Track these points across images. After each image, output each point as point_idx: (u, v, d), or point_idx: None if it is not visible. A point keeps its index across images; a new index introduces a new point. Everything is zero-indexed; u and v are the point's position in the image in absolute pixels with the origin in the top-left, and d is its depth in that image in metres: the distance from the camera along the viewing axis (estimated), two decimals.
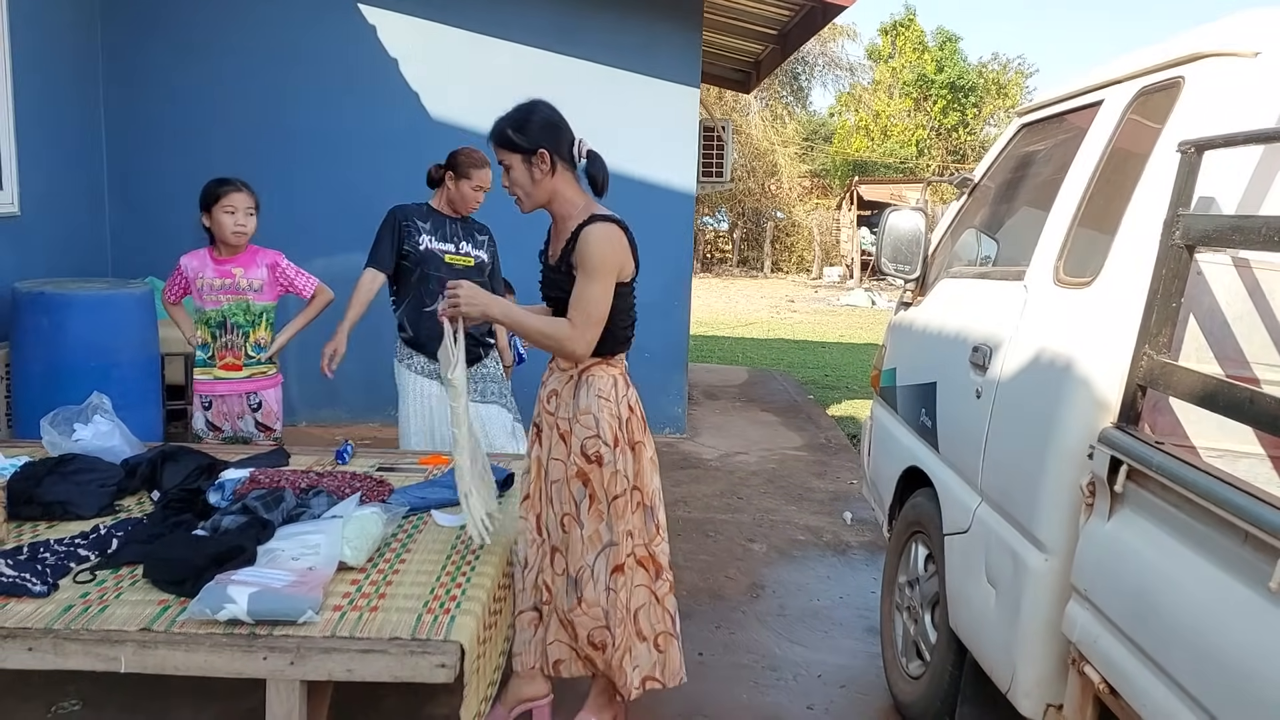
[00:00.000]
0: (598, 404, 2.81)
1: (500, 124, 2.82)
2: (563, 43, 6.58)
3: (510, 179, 2.83)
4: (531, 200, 2.85)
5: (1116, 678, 1.92)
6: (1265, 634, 1.52)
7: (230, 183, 3.74)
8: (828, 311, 19.42)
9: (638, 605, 2.90)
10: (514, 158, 2.79)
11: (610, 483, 2.81)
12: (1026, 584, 2.38)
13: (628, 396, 2.90)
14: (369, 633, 2.35)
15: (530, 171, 2.79)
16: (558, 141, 2.81)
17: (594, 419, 2.80)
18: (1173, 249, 1.96)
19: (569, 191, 2.85)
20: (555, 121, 2.85)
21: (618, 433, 2.82)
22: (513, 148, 2.79)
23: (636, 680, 2.90)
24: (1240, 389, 1.67)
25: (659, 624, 2.95)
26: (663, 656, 2.95)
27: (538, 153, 2.77)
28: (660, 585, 2.95)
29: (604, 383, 2.84)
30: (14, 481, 2.99)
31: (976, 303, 3.14)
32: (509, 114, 2.84)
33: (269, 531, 2.72)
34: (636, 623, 2.90)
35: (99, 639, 2.28)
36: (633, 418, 2.89)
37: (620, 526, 2.82)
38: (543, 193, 2.83)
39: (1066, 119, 3.07)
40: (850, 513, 5.59)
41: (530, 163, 2.78)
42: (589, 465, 2.81)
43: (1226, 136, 1.88)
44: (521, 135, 2.78)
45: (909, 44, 34.39)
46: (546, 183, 2.81)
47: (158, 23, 6.40)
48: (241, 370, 3.85)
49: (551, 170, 2.79)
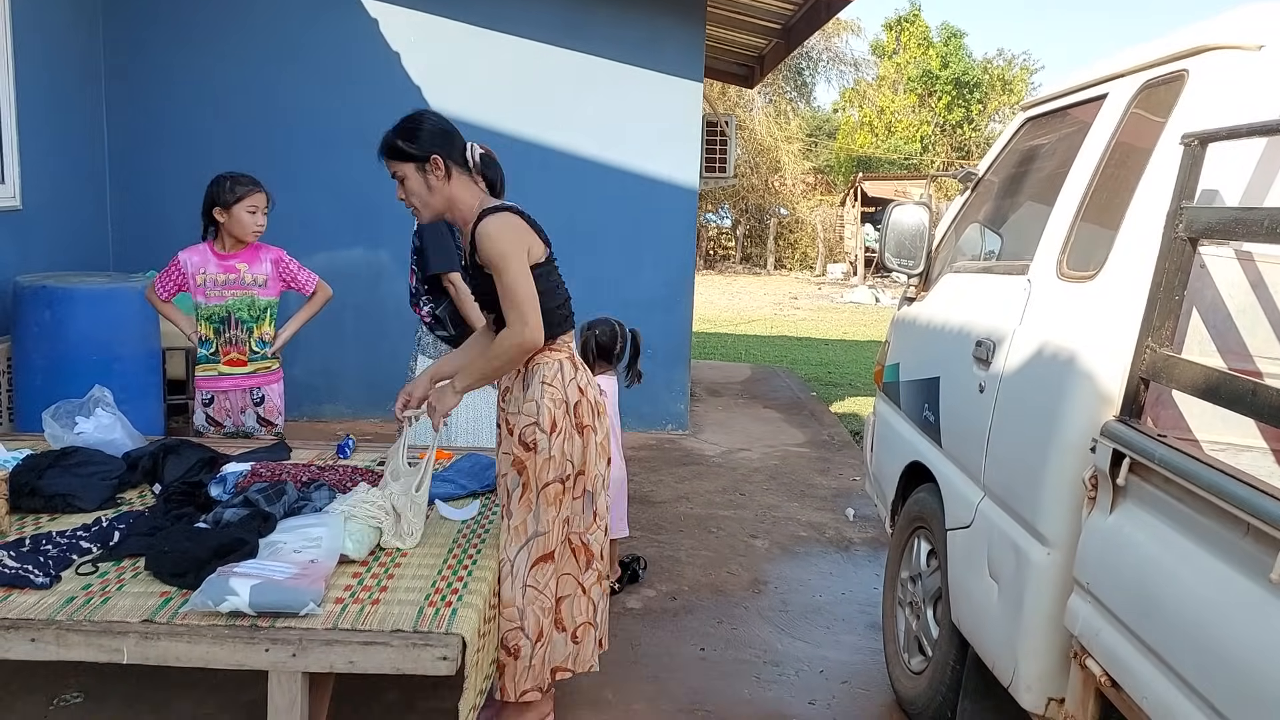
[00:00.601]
0: (541, 390, 2.79)
1: (389, 136, 2.79)
2: (565, 37, 6.57)
3: (405, 190, 2.81)
4: (429, 209, 2.83)
5: (1118, 670, 1.92)
6: (1266, 626, 1.52)
7: (252, 181, 3.73)
8: (831, 308, 19.40)
9: (563, 594, 2.89)
10: (407, 168, 2.77)
11: (543, 470, 2.79)
12: (1029, 578, 2.38)
13: (576, 379, 2.86)
14: (371, 625, 2.35)
15: (425, 180, 2.77)
16: (449, 147, 2.79)
17: (535, 406, 2.79)
18: (1176, 242, 1.95)
19: (465, 195, 2.81)
20: (444, 128, 2.82)
21: (557, 418, 2.79)
22: (405, 157, 2.76)
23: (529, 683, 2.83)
24: (1242, 381, 1.66)
25: (580, 615, 2.93)
26: (578, 647, 2.95)
27: (430, 159, 2.74)
28: (588, 575, 2.94)
29: (549, 369, 2.82)
30: (16, 474, 2.98)
31: (980, 297, 3.14)
32: (396, 126, 2.80)
33: (271, 524, 2.72)
34: (558, 611, 2.88)
35: (101, 630, 2.28)
36: (583, 400, 2.85)
37: (550, 514, 2.81)
38: (439, 200, 2.80)
39: (1071, 113, 3.06)
40: (853, 509, 5.58)
41: (424, 170, 2.76)
42: (525, 453, 2.80)
43: (1230, 129, 1.87)
44: (412, 144, 2.75)
45: (914, 39, 34.34)
46: (443, 190, 2.78)
47: (159, 18, 6.40)
48: (246, 365, 3.85)
49: (447, 176, 2.77)
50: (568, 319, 2.91)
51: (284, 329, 3.96)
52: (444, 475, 3.44)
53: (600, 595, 3.02)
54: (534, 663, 2.83)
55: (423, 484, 2.89)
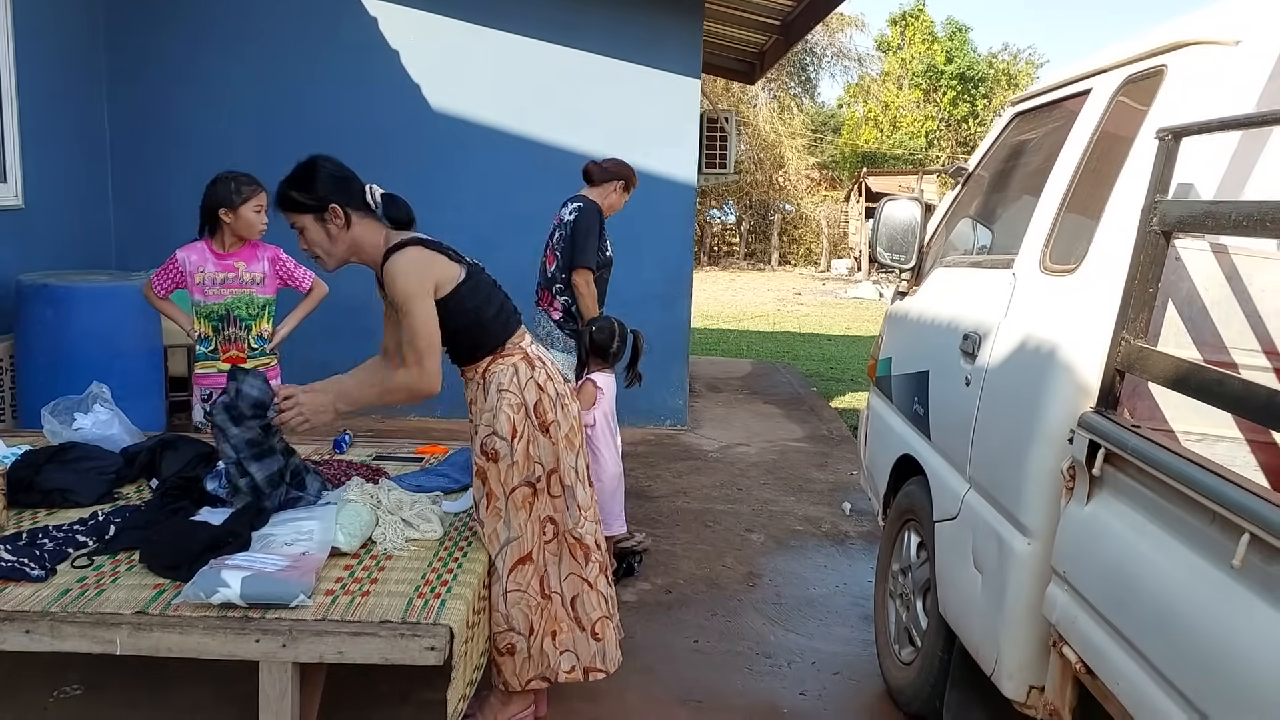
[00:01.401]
0: (498, 398, 2.79)
1: (283, 187, 2.73)
2: (562, 34, 6.60)
3: (307, 240, 2.74)
4: (333, 258, 2.77)
5: (1092, 656, 1.94)
6: (1230, 611, 1.54)
7: (252, 180, 3.78)
8: (834, 304, 19.39)
9: (573, 594, 2.90)
10: (305, 219, 2.71)
11: (507, 476, 2.78)
12: (1010, 568, 2.40)
13: (534, 378, 2.84)
14: (360, 616, 2.39)
15: (325, 229, 2.72)
16: (347, 193, 2.73)
17: (493, 415, 2.78)
18: (1150, 235, 1.97)
19: (369, 237, 2.76)
20: (340, 174, 2.76)
21: (517, 423, 2.78)
22: (301, 209, 2.70)
23: (569, 665, 2.89)
24: (1210, 371, 1.69)
25: (594, 610, 2.93)
26: (600, 644, 2.94)
27: (329, 209, 2.70)
28: (590, 569, 2.93)
29: (504, 376, 2.81)
30: (15, 469, 3.03)
31: (968, 291, 3.16)
32: (289, 177, 2.74)
33: (263, 518, 2.76)
34: (574, 610, 2.90)
35: (95, 622, 2.32)
36: (543, 397, 2.84)
37: (521, 518, 2.80)
38: (342, 248, 2.75)
39: (1057, 107, 3.08)
40: (849, 503, 5.61)
41: (323, 220, 2.71)
42: (487, 463, 2.80)
43: (1201, 123, 1.90)
44: (308, 195, 2.70)
45: (918, 35, 34.27)
46: (343, 237, 2.73)
47: (161, 17, 6.44)
48: (245, 362, 3.88)
49: (346, 224, 2.72)
50: (509, 322, 2.87)
51: (282, 325, 4.00)
52: (438, 470, 3.48)
53: (607, 586, 3.01)
54: (533, 653, 2.85)
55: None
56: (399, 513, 2.92)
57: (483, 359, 2.83)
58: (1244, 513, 1.52)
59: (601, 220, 4.45)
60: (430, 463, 3.61)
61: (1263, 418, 1.55)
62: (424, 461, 3.65)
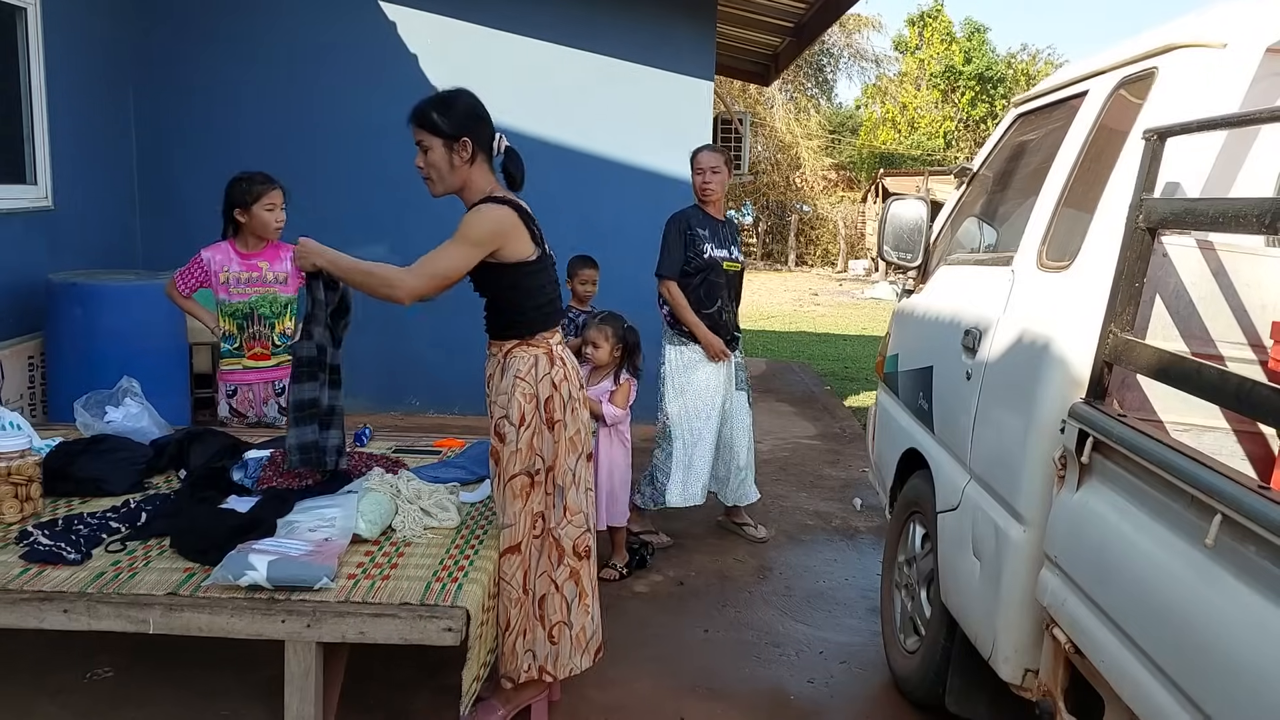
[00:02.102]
0: (513, 383, 2.85)
1: (424, 106, 2.82)
2: (577, 37, 6.70)
3: (426, 160, 2.83)
4: (444, 184, 2.85)
5: (1079, 636, 2.03)
6: (1203, 586, 1.62)
7: (268, 179, 3.89)
8: (851, 305, 19.42)
9: (541, 592, 2.92)
10: (435, 141, 2.79)
11: (509, 461, 2.84)
12: (1007, 555, 2.49)
13: (550, 375, 2.88)
14: (381, 599, 2.49)
15: (450, 157, 2.80)
16: (480, 133, 2.83)
17: (507, 398, 2.85)
18: (1136, 232, 2.05)
19: (481, 181, 2.86)
20: (479, 112, 2.86)
21: (526, 412, 2.84)
22: (435, 131, 2.79)
23: (526, 664, 2.91)
24: (1189, 362, 1.77)
25: (554, 614, 2.93)
26: (554, 648, 2.95)
27: (460, 140, 2.79)
28: (560, 572, 2.94)
29: (523, 363, 2.86)
30: (50, 459, 3.15)
31: (969, 288, 3.24)
32: (433, 98, 2.84)
33: (288, 506, 2.87)
34: (540, 608, 2.92)
35: (129, 602, 2.44)
36: (555, 395, 2.88)
37: (516, 507, 2.85)
38: (457, 179, 2.84)
39: (1057, 109, 3.16)
40: (860, 499, 5.68)
41: (451, 149, 2.80)
42: (499, 444, 2.87)
43: (1184, 124, 1.98)
44: (446, 120, 2.79)
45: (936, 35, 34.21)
46: (463, 171, 2.82)
47: (185, 23, 6.58)
48: (269, 359, 4.01)
49: (470, 159, 2.83)
50: (550, 318, 2.94)
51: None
52: (454, 461, 3.58)
53: (573, 592, 2.98)
54: (504, 651, 2.89)
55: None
56: (417, 502, 3.03)
57: (510, 339, 2.88)
58: (1216, 494, 1.60)
59: (689, 228, 4.68)
60: (447, 455, 3.71)
61: (1235, 404, 1.63)
62: (441, 454, 3.75)
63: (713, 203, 4.73)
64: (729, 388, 4.83)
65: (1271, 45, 2.31)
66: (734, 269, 4.77)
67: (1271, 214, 1.60)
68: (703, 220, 4.71)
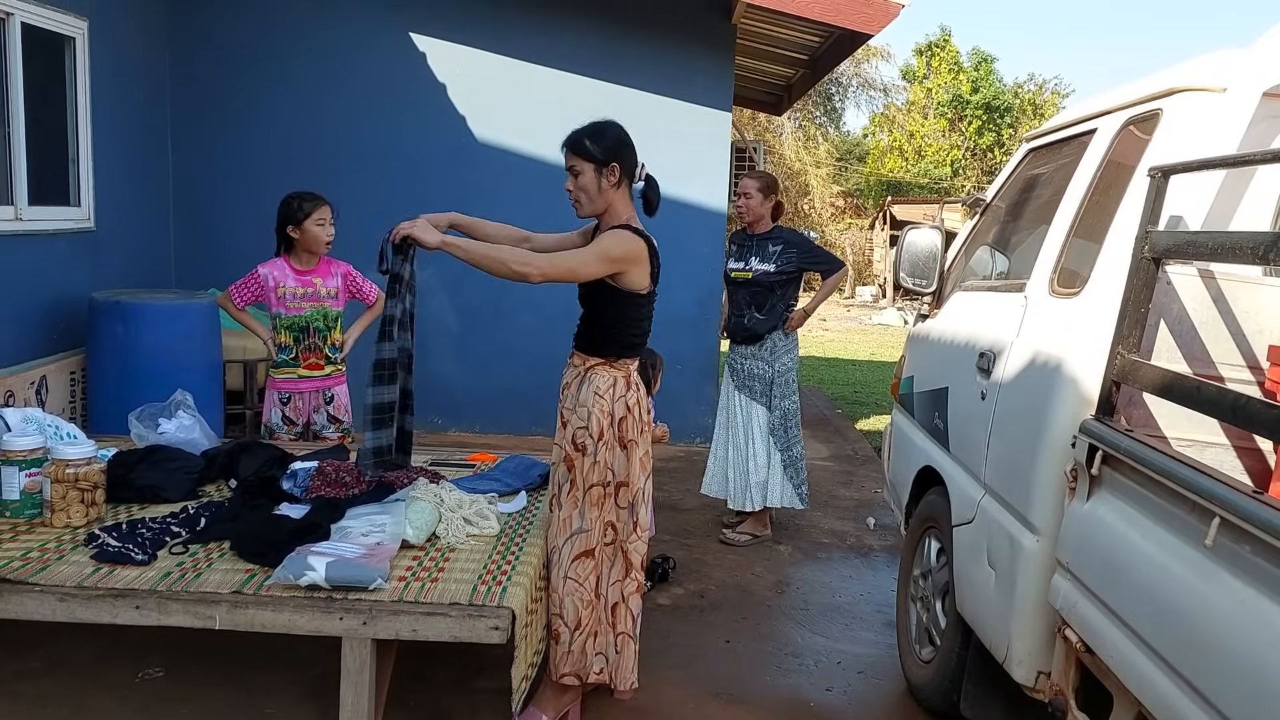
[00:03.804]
0: (593, 399, 3.02)
1: (578, 134, 3.04)
2: (601, 69, 6.92)
3: (577, 184, 3.04)
4: (592, 206, 3.07)
5: (1090, 635, 2.18)
6: (1203, 583, 1.79)
7: (317, 197, 4.14)
8: (859, 330, 19.60)
9: (613, 600, 3.08)
10: (587, 166, 3.01)
11: (589, 472, 3.02)
12: (1020, 563, 2.64)
13: (626, 397, 3.05)
14: (431, 599, 2.65)
15: (599, 181, 3.02)
16: (627, 160, 3.06)
17: (587, 411, 3.02)
18: (1142, 261, 2.23)
19: (620, 205, 3.07)
20: (627, 140, 3.08)
21: (604, 428, 3.02)
22: (588, 157, 3.00)
23: (599, 667, 3.06)
24: (1190, 380, 1.94)
25: (622, 624, 3.11)
26: (618, 658, 3.11)
27: (610, 165, 3.02)
28: (628, 584, 3.09)
29: (604, 381, 3.04)
30: (110, 467, 3.32)
31: (984, 313, 3.41)
32: (586, 127, 3.06)
33: (339, 512, 3.04)
34: (612, 618, 3.08)
35: (197, 599, 2.61)
36: (629, 418, 3.05)
37: (593, 514, 3.02)
38: (602, 202, 3.04)
39: (1067, 144, 3.34)
40: (874, 518, 5.83)
41: (601, 173, 3.01)
42: (575, 453, 3.04)
43: (1186, 163, 2.15)
44: (597, 147, 3.00)
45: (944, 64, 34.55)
46: (609, 194, 3.04)
47: (223, 50, 6.81)
48: (323, 369, 4.25)
49: (618, 184, 3.05)
50: (637, 348, 3.14)
51: (348, 335, 4.35)
52: (490, 474, 3.75)
53: (639, 607, 3.15)
54: (573, 649, 3.05)
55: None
56: (459, 511, 3.19)
57: (597, 357, 3.06)
58: (1215, 499, 1.76)
59: (727, 245, 5.57)
60: (482, 469, 3.88)
61: (1232, 418, 1.80)
62: (476, 468, 3.92)
63: (747, 223, 5.27)
64: (730, 390, 5.35)
65: (1268, 90, 2.50)
66: (742, 277, 5.22)
67: (1266, 246, 1.77)
68: (737, 237, 5.36)
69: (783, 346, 5.25)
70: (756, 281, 5.16)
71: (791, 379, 5.32)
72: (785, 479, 5.25)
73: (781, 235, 5.22)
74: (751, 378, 5.24)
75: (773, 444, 5.25)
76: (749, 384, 5.25)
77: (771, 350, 5.22)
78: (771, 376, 5.23)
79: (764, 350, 5.22)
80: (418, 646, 2.85)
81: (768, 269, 5.13)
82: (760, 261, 5.15)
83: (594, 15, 6.90)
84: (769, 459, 5.24)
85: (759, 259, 5.15)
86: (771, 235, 5.20)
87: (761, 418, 5.24)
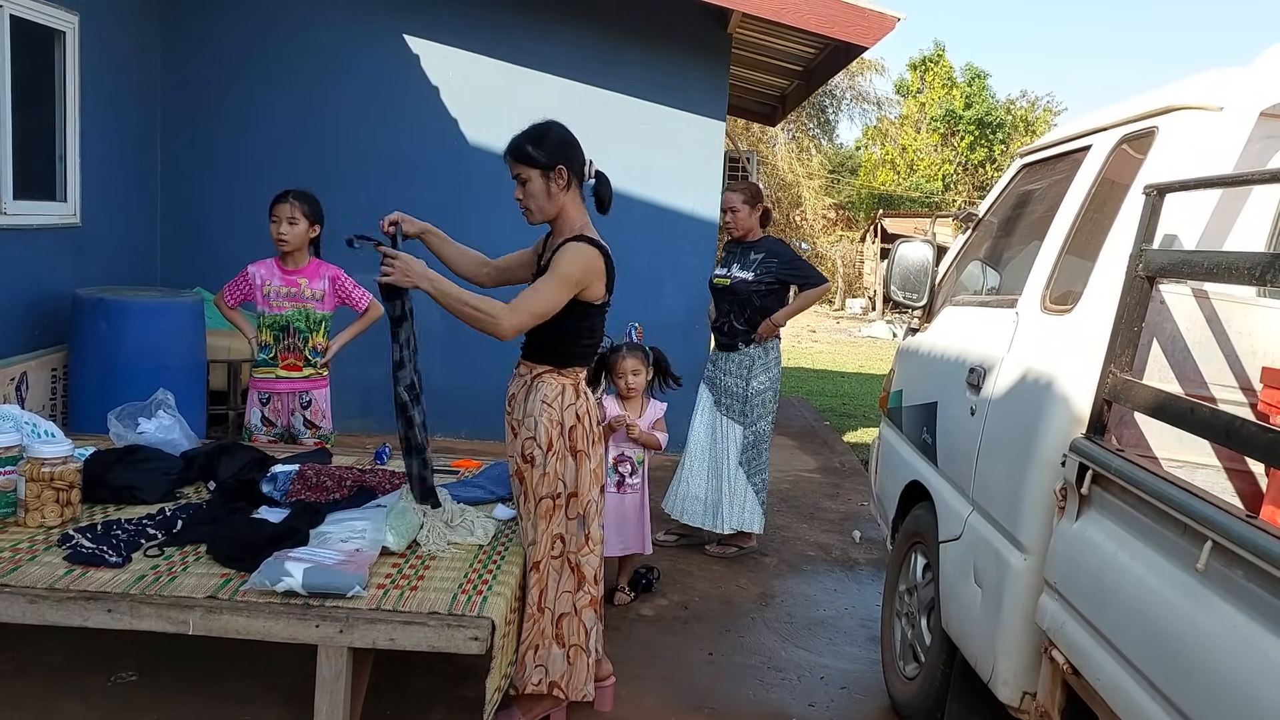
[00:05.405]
0: (540, 408, 2.97)
1: (519, 140, 2.96)
2: (596, 76, 6.89)
3: (525, 192, 2.97)
4: (543, 214, 3.00)
5: (1078, 658, 2.15)
6: (1194, 607, 1.76)
7: (282, 195, 4.10)
8: (848, 342, 19.63)
9: (561, 612, 3.03)
10: (532, 172, 2.93)
11: (539, 484, 2.97)
12: (1007, 582, 2.61)
13: (576, 406, 3.00)
14: (410, 607, 2.61)
15: (548, 186, 2.95)
16: (573, 160, 2.99)
17: (534, 421, 2.97)
18: (1136, 280, 2.20)
19: (573, 209, 3.01)
20: (571, 140, 3.01)
21: (554, 438, 2.97)
22: (531, 163, 2.93)
23: (537, 678, 3.01)
24: (1183, 401, 1.91)
25: (573, 636, 3.06)
26: (570, 669, 3.05)
27: (556, 169, 2.94)
28: (580, 597, 3.06)
29: (552, 390, 2.99)
30: (86, 467, 3.26)
31: (974, 328, 3.39)
32: (526, 132, 2.97)
33: (319, 517, 3.00)
34: (558, 628, 3.03)
35: (170, 604, 2.56)
36: (578, 427, 3.00)
37: (541, 527, 2.98)
38: (554, 207, 2.98)
39: (1061, 161, 3.32)
40: (859, 531, 5.80)
41: (548, 178, 2.94)
42: (524, 465, 3.00)
43: (1181, 182, 2.13)
44: (541, 151, 2.93)
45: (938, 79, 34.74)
46: (560, 198, 2.97)
47: (213, 49, 6.76)
48: (301, 370, 4.20)
49: (567, 186, 2.98)
50: (588, 357, 3.11)
51: (335, 340, 4.30)
52: (474, 481, 3.71)
53: (592, 620, 3.11)
54: (518, 660, 2.99)
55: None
56: (441, 518, 3.15)
57: (544, 365, 3.02)
58: (1207, 523, 1.74)
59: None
60: (466, 475, 3.84)
61: (1224, 440, 1.77)
62: (459, 474, 3.88)
63: (736, 236, 5.22)
64: (707, 406, 5.35)
65: (1265, 110, 2.48)
66: (721, 284, 5.19)
67: (1262, 267, 1.75)
68: (728, 245, 5.34)
69: (760, 364, 5.17)
70: (734, 290, 5.11)
71: (769, 399, 5.24)
72: (757, 502, 5.19)
73: (764, 244, 5.17)
74: (729, 395, 5.19)
75: (740, 466, 5.18)
76: (725, 401, 5.21)
77: (749, 367, 5.16)
78: (747, 395, 5.17)
79: (740, 367, 5.16)
80: (396, 654, 2.80)
81: (746, 277, 5.08)
82: (741, 269, 5.11)
83: (590, 21, 6.88)
84: (746, 481, 5.19)
85: (740, 267, 5.12)
86: (755, 244, 5.17)
87: (738, 437, 5.20)
